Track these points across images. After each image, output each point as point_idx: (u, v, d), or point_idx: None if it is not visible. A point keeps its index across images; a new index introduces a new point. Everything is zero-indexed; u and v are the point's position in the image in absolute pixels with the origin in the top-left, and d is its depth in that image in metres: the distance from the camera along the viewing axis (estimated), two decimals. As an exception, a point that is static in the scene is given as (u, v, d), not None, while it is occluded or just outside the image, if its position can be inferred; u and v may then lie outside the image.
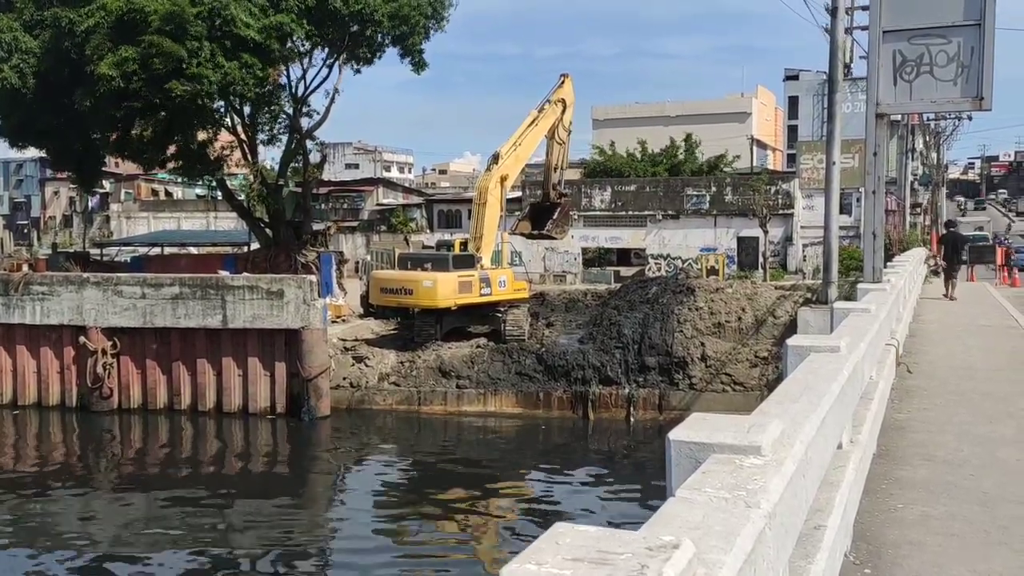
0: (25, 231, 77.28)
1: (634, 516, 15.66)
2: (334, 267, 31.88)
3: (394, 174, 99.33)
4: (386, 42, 31.75)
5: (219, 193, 37.09)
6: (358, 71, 33.29)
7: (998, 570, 4.73)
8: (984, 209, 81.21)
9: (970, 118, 51.10)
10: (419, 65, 32.54)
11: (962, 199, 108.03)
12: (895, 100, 17.44)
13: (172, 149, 31.72)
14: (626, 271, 46.26)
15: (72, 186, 57.76)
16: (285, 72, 31.89)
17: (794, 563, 3.38)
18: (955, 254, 24.31)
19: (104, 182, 67.55)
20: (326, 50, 32.49)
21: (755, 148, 69.72)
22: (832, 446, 4.64)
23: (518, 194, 46.16)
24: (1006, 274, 34.83)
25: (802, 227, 44.67)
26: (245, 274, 27.58)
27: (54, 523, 16.91)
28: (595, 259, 48.79)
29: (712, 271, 40.39)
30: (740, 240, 45.09)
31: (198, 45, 26.61)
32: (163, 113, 27.94)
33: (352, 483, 20.71)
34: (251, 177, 33.45)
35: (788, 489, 2.80)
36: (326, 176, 50.77)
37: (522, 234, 31.97)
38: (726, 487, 2.52)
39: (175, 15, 26.43)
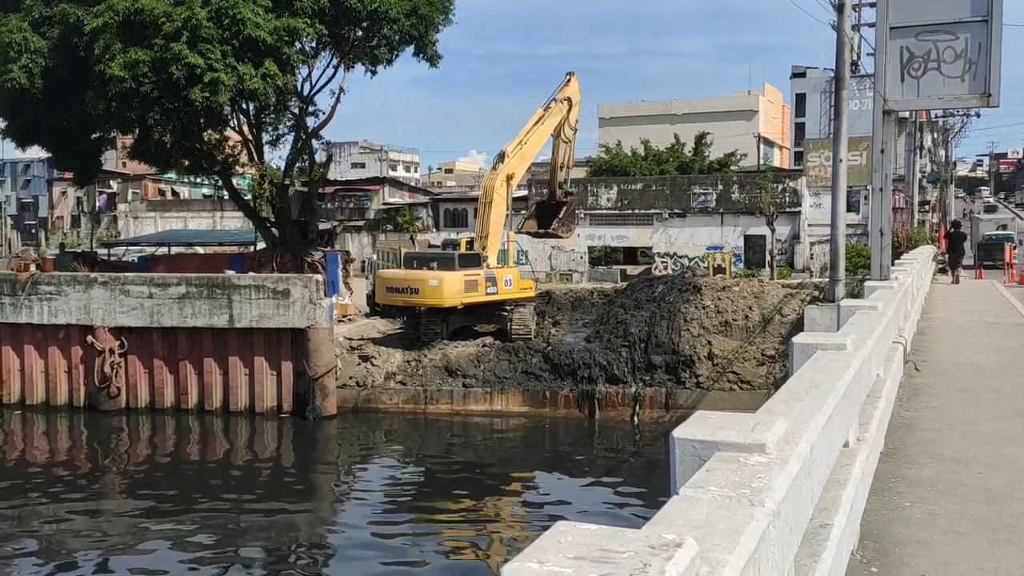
0: (33, 231, 77.57)
1: (639, 515, 15.65)
2: (340, 266, 31.90)
3: (400, 173, 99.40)
4: (402, 40, 31.65)
5: (225, 193, 37.16)
6: (374, 72, 33.10)
7: (1006, 568, 4.71)
8: (995, 211, 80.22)
9: (978, 115, 50.92)
10: (434, 59, 32.50)
11: (990, 199, 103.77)
12: (902, 97, 17.39)
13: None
14: (632, 269, 46.17)
15: (78, 186, 58.01)
16: (295, 75, 31.96)
17: (800, 562, 3.37)
18: (959, 247, 30.39)
19: (111, 182, 67.85)
20: (334, 51, 32.47)
21: (762, 146, 69.57)
22: (838, 444, 4.61)
23: (524, 193, 46.17)
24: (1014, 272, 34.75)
25: (809, 225, 44.52)
26: (251, 273, 27.61)
27: (61, 522, 16.97)
28: (601, 258, 48.74)
29: (719, 269, 40.30)
30: (747, 238, 44.98)
31: (211, 48, 26.66)
32: (181, 118, 28.01)
33: (358, 482, 20.74)
34: (257, 177, 33.50)
35: (793, 487, 2.79)
36: (332, 175, 50.80)
37: (528, 233, 31.94)
38: (730, 485, 2.51)
39: (189, 20, 26.49)
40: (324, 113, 34.39)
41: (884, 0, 17.24)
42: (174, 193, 70.07)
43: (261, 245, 36.79)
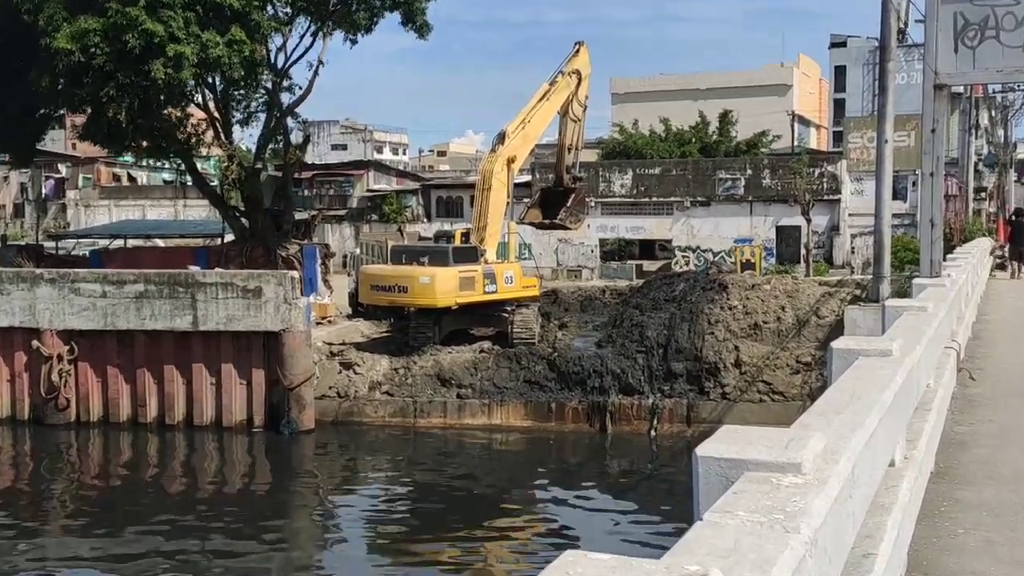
0: (-30, 222, 77.56)
1: (658, 543, 15.64)
2: (319, 261, 31.93)
3: (387, 156, 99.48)
4: (385, 5, 31.78)
5: (188, 178, 37.23)
6: (354, 41, 33.21)
7: (1073, 604, 4.71)
8: None
9: (1041, 90, 50.77)
10: (423, 29, 32.60)
11: None
12: (956, 69, 17.36)
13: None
14: (650, 265, 46.17)
15: (14, 168, 58.11)
16: (267, 45, 31.99)
17: (840, 596, 3.37)
18: (1021, 239, 30.19)
19: (60, 166, 67.81)
20: (311, 17, 32.51)
21: (796, 125, 69.59)
22: (883, 463, 4.62)
23: (527, 178, 46.15)
24: None
25: (850, 215, 44.54)
26: (218, 269, 27.63)
27: (1, 549, 16.97)
28: (614, 252, 48.74)
29: (747, 265, 40.33)
30: (779, 230, 45.00)
31: (172, 15, 26.66)
32: (138, 94, 28.03)
33: (338, 505, 20.74)
34: (225, 160, 33.52)
35: (832, 512, 2.79)
36: (309, 158, 50.83)
37: (532, 224, 31.96)
38: (761, 509, 2.51)
39: None
40: (300, 88, 34.46)
41: (935, -41, 17.22)
42: (130, 178, 70.10)
43: (229, 237, 36.82)
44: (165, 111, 31.39)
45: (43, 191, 68.29)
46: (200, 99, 33.41)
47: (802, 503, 2.60)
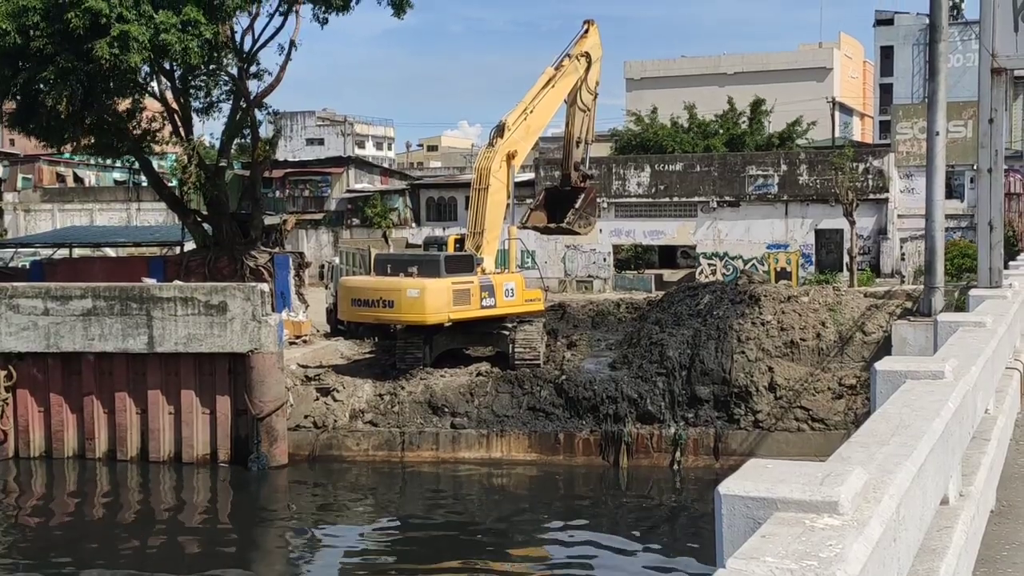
0: None
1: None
2: (292, 272, 32.01)
3: (369, 151, 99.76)
4: None
5: (143, 178, 37.26)
6: (325, 20, 33.35)
7: None
8: None
9: (1116, 73, 50.94)
10: (401, 7, 32.70)
11: None
12: (1017, 51, 17.42)
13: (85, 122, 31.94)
14: (671, 275, 46.24)
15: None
16: (231, 25, 32.05)
17: (884, 653, 3.38)
18: None
19: (-5, 165, 67.90)
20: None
21: (838, 113, 69.77)
22: (934, 501, 4.63)
23: (530, 176, 46.25)
24: None
25: (899, 216, 44.57)
26: (177, 282, 27.67)
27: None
28: (630, 260, 48.79)
29: (783, 274, 40.39)
30: (818, 233, 45.03)
31: None
32: (82, 82, 28.11)
33: (315, 550, 20.75)
34: (184, 157, 33.58)
35: (873, 558, 2.81)
36: (281, 155, 50.97)
37: (536, 228, 32.02)
38: (792, 555, 2.53)
39: None
40: (271, 74, 34.50)
41: (993, -74, 17.30)
42: (77, 179, 70.22)
43: (189, 245, 36.89)
44: (112, 101, 31.41)
45: (-23, 194, 68.45)
46: (156, 88, 33.48)
47: (839, 548, 2.62)
